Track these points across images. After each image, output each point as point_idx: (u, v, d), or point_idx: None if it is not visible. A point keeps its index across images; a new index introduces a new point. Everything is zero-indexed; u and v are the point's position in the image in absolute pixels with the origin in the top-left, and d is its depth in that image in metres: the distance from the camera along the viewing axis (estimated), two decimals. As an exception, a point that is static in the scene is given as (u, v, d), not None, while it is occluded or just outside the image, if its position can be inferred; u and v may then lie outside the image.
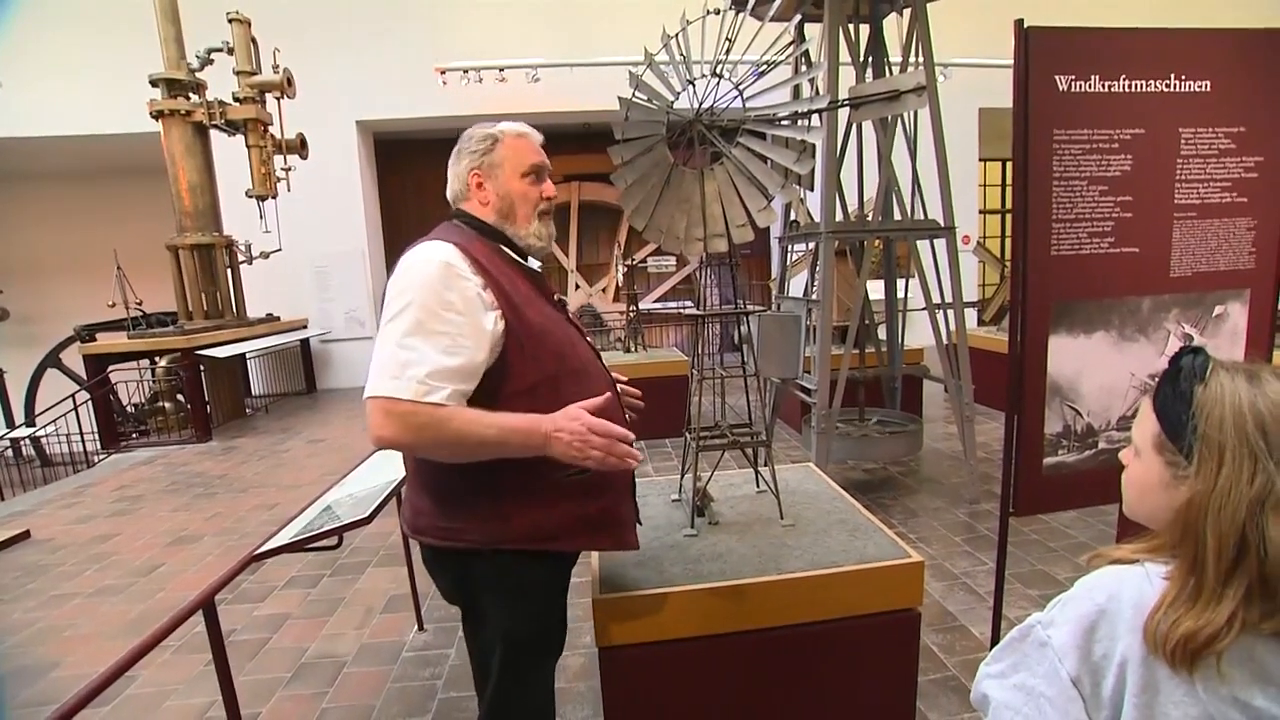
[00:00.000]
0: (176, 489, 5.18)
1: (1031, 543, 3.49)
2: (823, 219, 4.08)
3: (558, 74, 8.90)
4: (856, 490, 4.43)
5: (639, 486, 2.60)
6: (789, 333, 4.06)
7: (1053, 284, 2.06)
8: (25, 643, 2.94)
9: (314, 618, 3.06)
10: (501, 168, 1.42)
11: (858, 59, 4.39)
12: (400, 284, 1.26)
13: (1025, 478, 2.14)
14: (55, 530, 4.34)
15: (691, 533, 2.06)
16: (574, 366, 1.38)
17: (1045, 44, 1.94)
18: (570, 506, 1.36)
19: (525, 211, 1.43)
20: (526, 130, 1.47)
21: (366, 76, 9.20)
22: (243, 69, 7.51)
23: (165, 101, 7.19)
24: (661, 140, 2.09)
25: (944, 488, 4.45)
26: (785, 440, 5.74)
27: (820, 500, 2.31)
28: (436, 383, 1.19)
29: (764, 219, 1.93)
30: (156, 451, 6.48)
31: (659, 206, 2.10)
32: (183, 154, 7.33)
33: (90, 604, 3.27)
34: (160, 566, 3.66)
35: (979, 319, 8.89)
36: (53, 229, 11.42)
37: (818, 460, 4.01)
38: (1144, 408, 0.85)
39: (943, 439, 5.57)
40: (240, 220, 8.02)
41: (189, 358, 6.79)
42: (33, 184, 11.31)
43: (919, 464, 4.98)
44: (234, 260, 7.93)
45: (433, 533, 1.37)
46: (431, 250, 1.28)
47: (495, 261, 1.35)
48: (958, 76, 8.97)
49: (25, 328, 11.18)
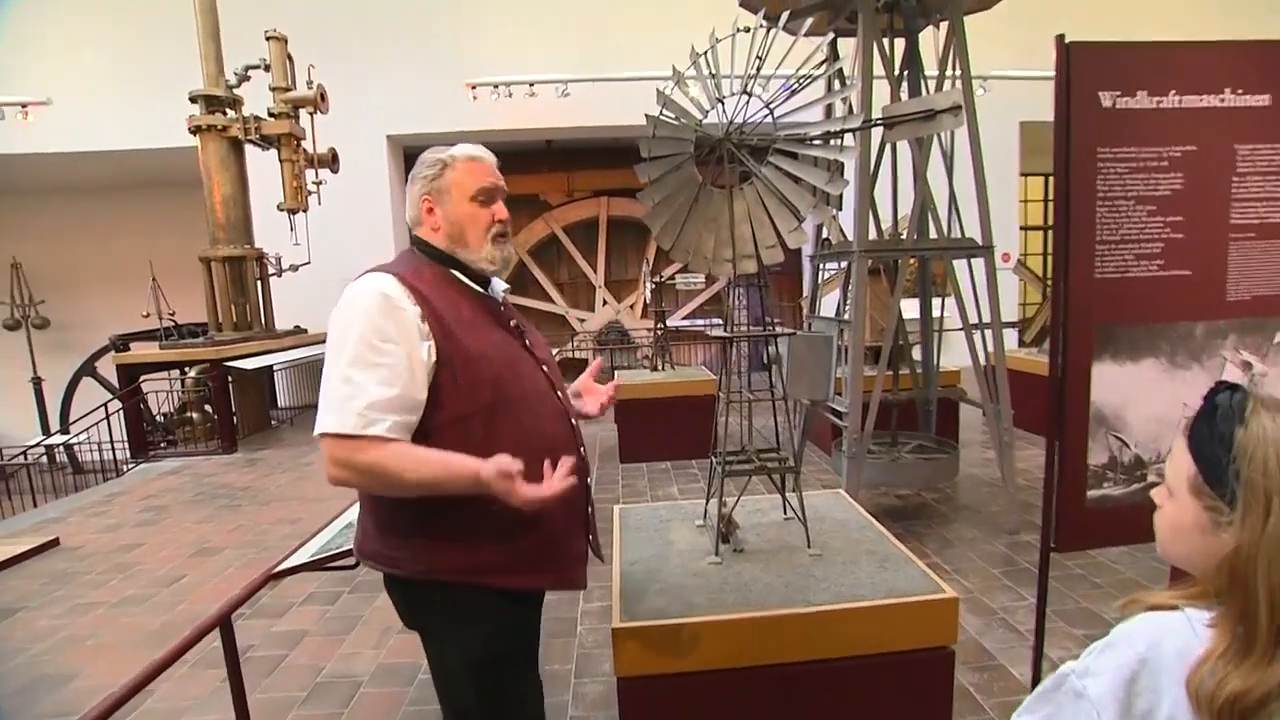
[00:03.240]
0: (201, 500, 5.30)
1: (1076, 578, 3.38)
2: (855, 237, 4.05)
3: (588, 89, 9.03)
4: (889, 517, 4.34)
5: (661, 509, 2.58)
6: (820, 353, 4.00)
7: (1096, 308, 2.00)
8: (49, 651, 3.01)
9: (331, 635, 3.09)
10: (450, 193, 1.43)
11: (892, 74, 4.37)
12: (341, 318, 1.29)
13: (1068, 511, 2.07)
14: (84, 538, 4.47)
15: (716, 560, 2.04)
16: (513, 396, 1.36)
17: (1088, 60, 1.90)
18: (500, 540, 1.35)
19: (476, 235, 1.43)
20: (479, 153, 1.46)
21: (398, 92, 9.43)
22: (278, 85, 7.77)
23: (203, 117, 7.45)
24: (689, 158, 2.10)
25: (981, 516, 4.33)
26: (815, 464, 5.66)
27: (849, 529, 2.27)
28: (376, 414, 1.22)
29: (795, 240, 1.92)
30: (183, 462, 6.65)
31: (687, 225, 2.11)
32: (218, 168, 7.58)
33: (113, 614, 3.35)
34: (183, 578, 3.74)
35: (1019, 340, 8.71)
36: (91, 241, 11.87)
37: (848, 485, 3.95)
38: (1177, 446, 0.81)
39: (980, 465, 5.44)
40: (271, 233, 8.24)
41: (217, 369, 6.97)
42: (73, 197, 11.80)
43: (955, 491, 4.86)
44: (264, 272, 8.15)
45: (376, 557, 1.39)
46: (370, 281, 1.31)
47: (441, 288, 1.37)
48: (998, 89, 8.88)
49: (63, 336, 11.61)
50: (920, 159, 4.27)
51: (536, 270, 12.33)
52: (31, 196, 11.72)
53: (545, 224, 12.19)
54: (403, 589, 1.40)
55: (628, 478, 5.45)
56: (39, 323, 11.33)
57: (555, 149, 11.38)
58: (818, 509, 2.44)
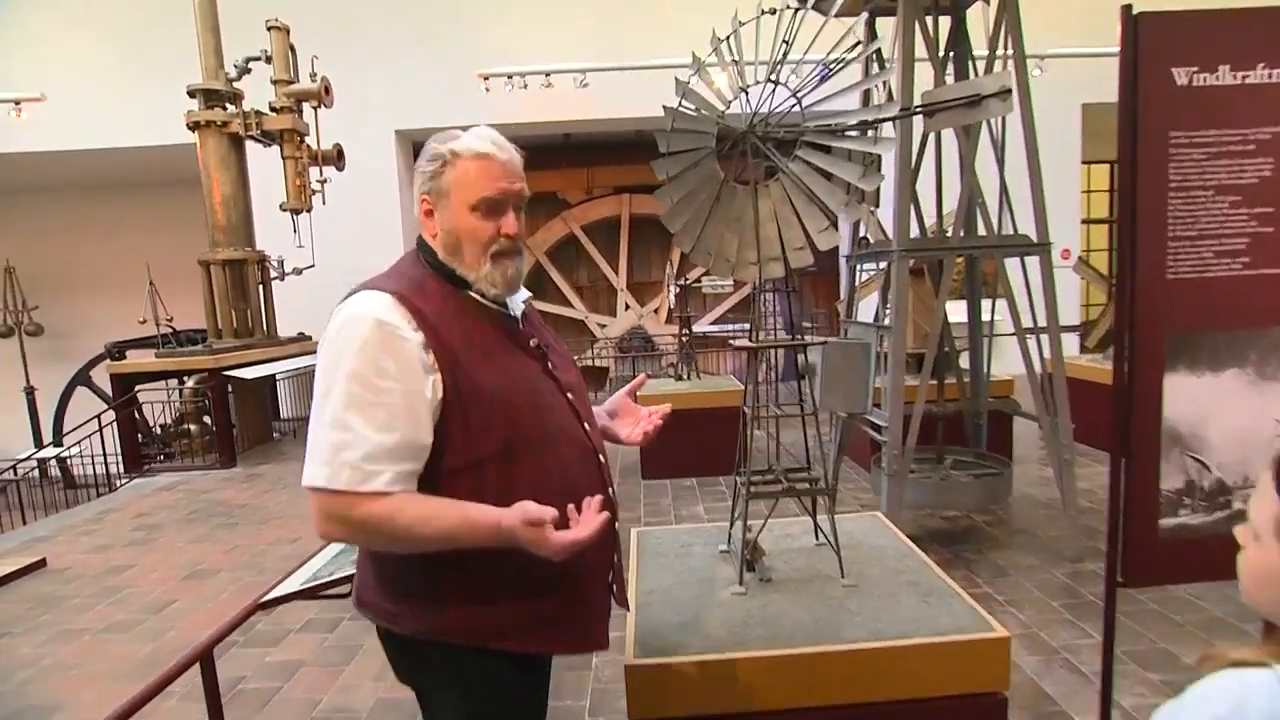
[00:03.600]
0: (196, 518, 5.38)
1: (1150, 614, 3.25)
2: (895, 235, 3.98)
3: (608, 78, 9.06)
4: (935, 541, 4.25)
5: (682, 533, 2.55)
6: (856, 362, 3.95)
7: (1169, 313, 1.92)
8: (31, 680, 3.06)
9: (329, 666, 3.09)
10: (448, 197, 1.28)
11: (936, 56, 4.29)
12: (331, 351, 1.19)
13: (1138, 541, 1.99)
14: (72, 559, 4.55)
15: (739, 590, 2.00)
16: (532, 436, 1.26)
17: (1159, 32, 1.82)
18: (518, 599, 1.26)
19: (473, 252, 1.28)
20: (490, 149, 1.27)
21: (406, 84, 9.56)
22: (280, 77, 7.90)
23: (202, 112, 7.61)
24: (710, 153, 2.08)
25: (1039, 542, 4.22)
26: (854, 481, 5.58)
27: (888, 556, 2.21)
28: (374, 466, 1.14)
29: (825, 241, 1.89)
30: (179, 477, 6.76)
31: (707, 226, 2.08)
32: (217, 165, 7.74)
33: (99, 641, 3.40)
34: (173, 603, 3.79)
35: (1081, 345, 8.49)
36: (87, 243, 12.20)
37: (888, 506, 3.87)
38: (1263, 483, 0.76)
39: (1037, 484, 5.32)
40: (273, 235, 8.37)
41: (215, 378, 7.09)
42: (68, 197, 12.14)
43: (1009, 513, 4.75)
44: (266, 276, 8.28)
45: (376, 610, 1.31)
46: (364, 305, 1.19)
47: (449, 307, 1.26)
48: (1057, 69, 8.71)
49: (57, 343, 11.92)
50: (967, 149, 4.19)
51: (554, 273, 12.39)
52: (24, 196, 12.08)
53: (563, 223, 12.26)
54: (400, 645, 1.32)
55: (650, 495, 5.42)
56: (32, 329, 11.65)
57: (574, 143, 11.44)
58: (853, 534, 2.38)
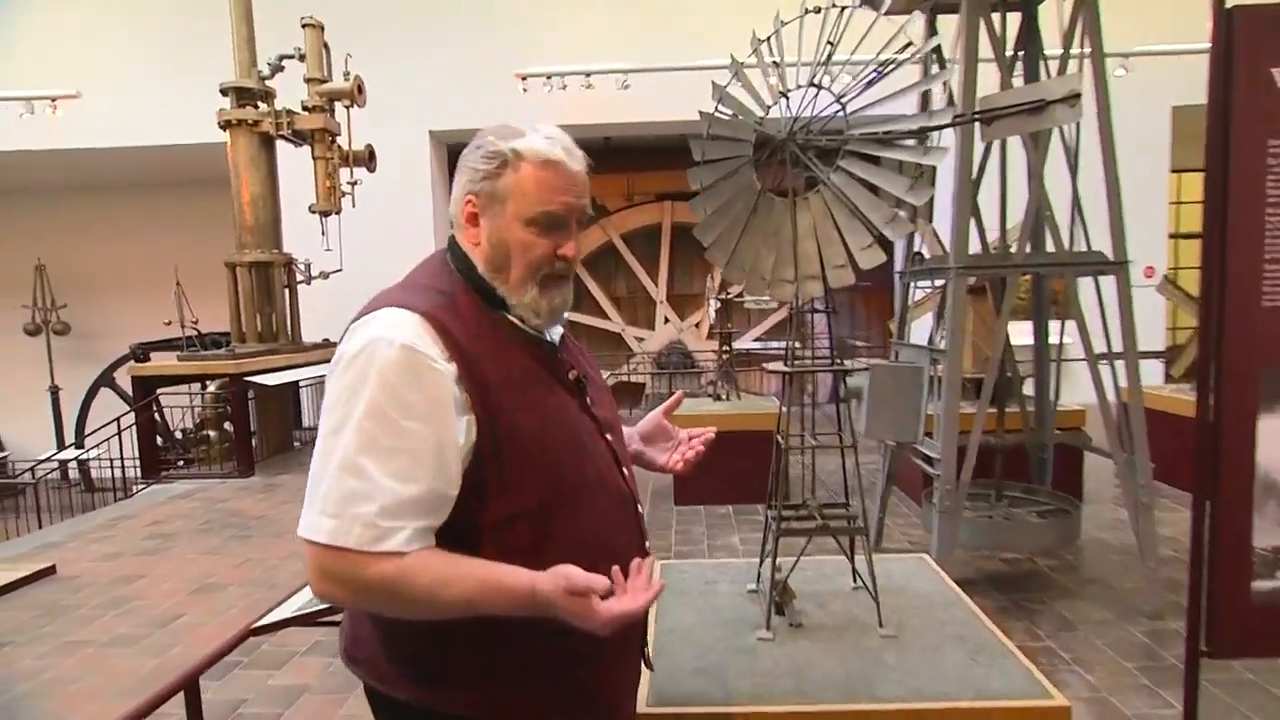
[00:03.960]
0: (210, 528, 5.51)
1: (1245, 684, 3.04)
2: (953, 250, 3.89)
3: (651, 80, 9.13)
4: (992, 586, 4.11)
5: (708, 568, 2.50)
6: (907, 387, 3.87)
7: (1263, 344, 1.83)
8: (31, 694, 3.14)
9: (333, 694, 3.11)
10: (504, 204, 1.16)
11: (1003, 56, 4.19)
12: (345, 379, 1.06)
13: (1226, 604, 1.87)
14: (82, 566, 4.70)
15: (766, 636, 1.94)
16: (571, 487, 1.16)
17: (1257, 29, 1.74)
18: (538, 682, 1.16)
19: (520, 273, 1.17)
20: (560, 156, 1.17)
21: (441, 83, 9.76)
22: (313, 76, 8.15)
23: (234, 111, 7.88)
24: (747, 162, 2.05)
25: (1113, 594, 4.04)
26: (904, 516, 5.45)
27: (934, 605, 2.13)
28: (391, 522, 1.02)
29: (868, 259, 1.84)
30: (196, 484, 6.95)
31: (743, 239, 2.05)
32: (247, 165, 7.99)
33: (103, 655, 3.48)
34: (180, 617, 3.87)
35: (1166, 374, 8.18)
36: (116, 242, 12.71)
37: (939, 546, 3.76)
38: None
39: (1111, 528, 5.11)
40: (301, 237, 8.60)
41: (237, 384, 7.27)
42: (98, 195, 12.69)
43: (1079, 559, 4.57)
44: (292, 280, 8.50)
45: (370, 669, 1.20)
46: (389, 326, 1.07)
47: (484, 331, 1.15)
48: (1145, 68, 8.47)
49: (83, 343, 12.41)
50: (1035, 157, 4.08)
51: (591, 283, 12.47)
52: (57, 194, 12.67)
53: (602, 231, 12.34)
54: (392, 711, 1.20)
55: (682, 523, 5.37)
56: (59, 328, 12.16)
57: (614, 147, 11.54)
58: (894, 578, 2.31)
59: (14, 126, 9.98)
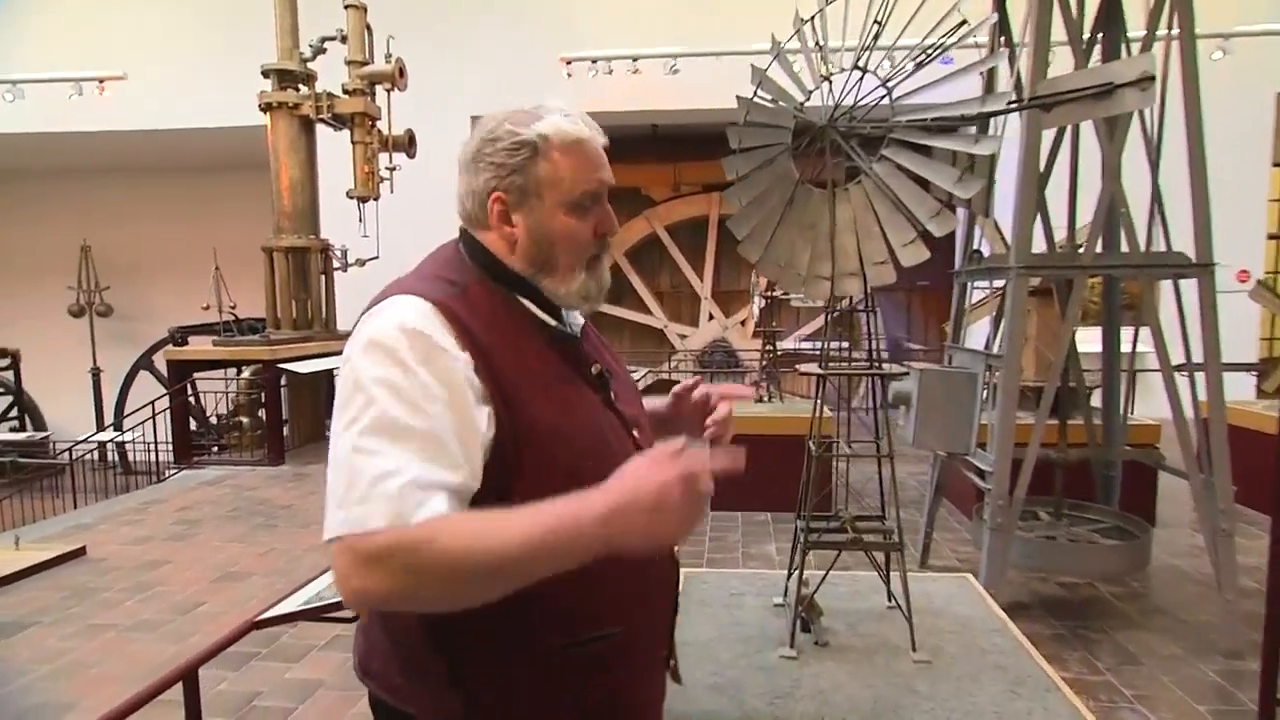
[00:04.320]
0: (237, 516, 5.67)
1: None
2: (1014, 249, 3.77)
3: (700, 64, 9.06)
4: (1047, 611, 3.98)
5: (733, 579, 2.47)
6: (959, 394, 3.77)
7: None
8: (51, 675, 3.26)
9: (349, 690, 3.16)
10: (540, 196, 1.13)
11: (1079, 38, 4.02)
12: (357, 371, 1.02)
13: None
14: (111, 549, 4.88)
15: (789, 654, 1.91)
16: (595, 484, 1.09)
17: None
18: (558, 693, 1.12)
19: (570, 260, 1.16)
20: (583, 132, 1.15)
21: (484, 67, 9.86)
22: (354, 58, 8.30)
23: (274, 94, 8.08)
24: (785, 150, 2.01)
25: (1185, 627, 3.86)
26: (954, 531, 5.32)
27: (974, 629, 2.06)
28: (423, 493, 0.95)
29: (910, 255, 1.78)
30: (226, 471, 7.15)
31: (778, 232, 2.01)
32: (287, 149, 8.18)
33: (124, 639, 3.60)
34: (202, 605, 3.98)
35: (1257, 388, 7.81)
36: (159, 224, 13.18)
37: (989, 565, 3.65)
38: None
39: (1186, 554, 4.90)
40: (339, 223, 8.78)
41: (270, 370, 7.46)
42: (142, 177, 13.16)
43: (1147, 587, 4.39)
44: (328, 266, 8.68)
45: (384, 684, 1.17)
46: (400, 313, 1.05)
47: (501, 322, 1.12)
48: (1245, 51, 8.08)
49: (125, 325, 12.90)
50: (1109, 147, 3.91)
51: (633, 276, 12.46)
52: (102, 175, 13.17)
53: (646, 222, 12.33)
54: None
55: (718, 529, 5.33)
56: (102, 310, 12.65)
57: (661, 135, 11.51)
58: (934, 598, 2.25)
59: (64, 107, 10.39)
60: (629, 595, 1.12)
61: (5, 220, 13.68)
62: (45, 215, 13.43)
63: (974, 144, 1.72)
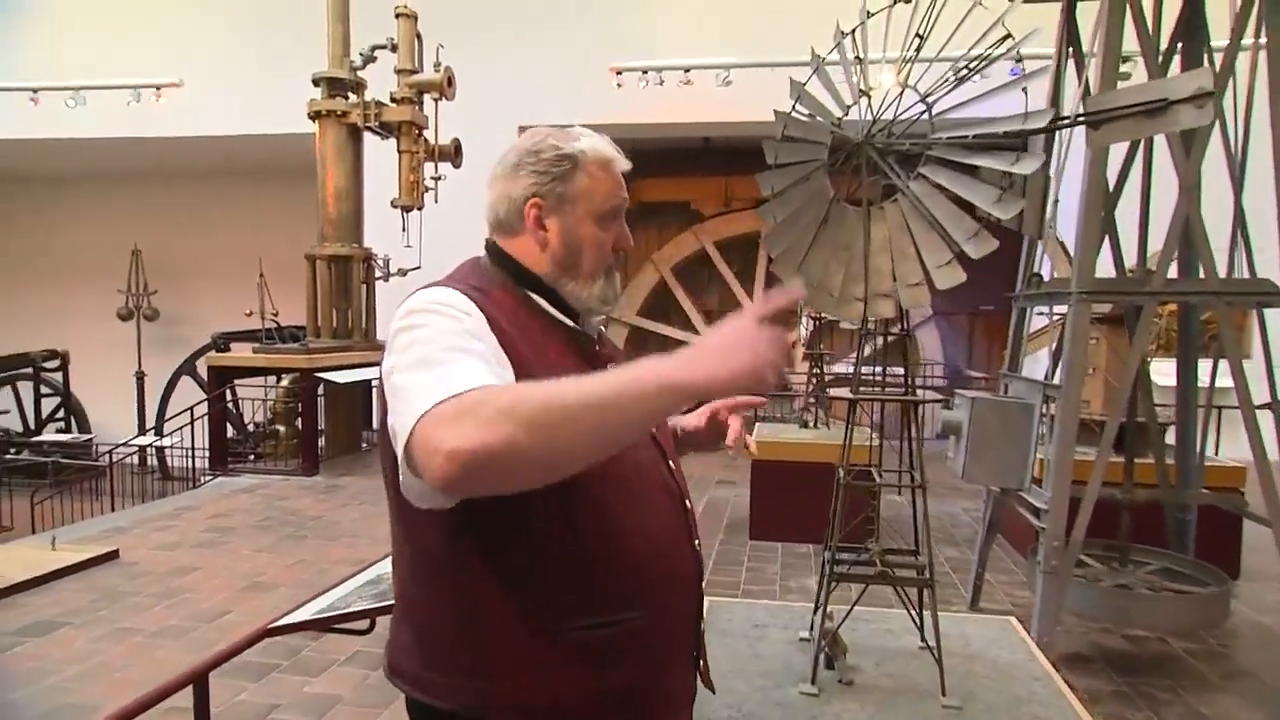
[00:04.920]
0: (268, 525, 5.85)
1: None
2: (1076, 273, 3.70)
3: (754, 75, 9.10)
4: (1111, 665, 3.84)
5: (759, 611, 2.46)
6: (1013, 426, 3.69)
7: None
8: (78, 677, 3.41)
9: (367, 707, 3.23)
10: (576, 204, 1.29)
11: (1153, 48, 3.92)
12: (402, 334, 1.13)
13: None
14: (142, 554, 5.07)
15: (810, 690, 1.89)
16: (608, 475, 1.18)
17: None
18: (578, 675, 1.20)
19: (592, 266, 1.32)
20: (612, 153, 1.32)
21: (532, 77, 10.06)
22: (404, 67, 8.57)
23: (324, 101, 8.38)
24: (821, 167, 2.03)
25: (1270, 692, 3.68)
26: (1011, 573, 5.19)
27: (1012, 677, 2.02)
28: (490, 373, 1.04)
29: (945, 278, 1.78)
30: (260, 480, 7.38)
31: (811, 251, 2.03)
32: (334, 157, 8.47)
33: (150, 645, 3.74)
34: (227, 614, 4.11)
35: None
36: (206, 230, 13.75)
37: (1042, 611, 3.56)
38: None
39: (1273, 611, 4.68)
40: (382, 232, 9.02)
41: (308, 379, 7.67)
42: (191, 183, 13.78)
43: (1229, 645, 4.20)
44: (370, 276, 8.92)
45: (412, 679, 1.27)
46: (432, 293, 1.20)
47: (521, 319, 1.25)
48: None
49: (171, 330, 13.44)
50: (1184, 163, 3.81)
51: (680, 293, 12.51)
52: (153, 180, 13.83)
53: (695, 237, 12.37)
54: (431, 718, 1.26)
55: (756, 559, 5.29)
56: (149, 314, 13.20)
57: (713, 148, 11.56)
58: (972, 641, 2.21)
59: (122, 114, 10.93)
60: (647, 580, 1.20)
61: (62, 223, 14.42)
62: (100, 218, 14.12)
63: (1013, 163, 1.71)
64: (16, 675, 3.43)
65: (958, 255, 1.77)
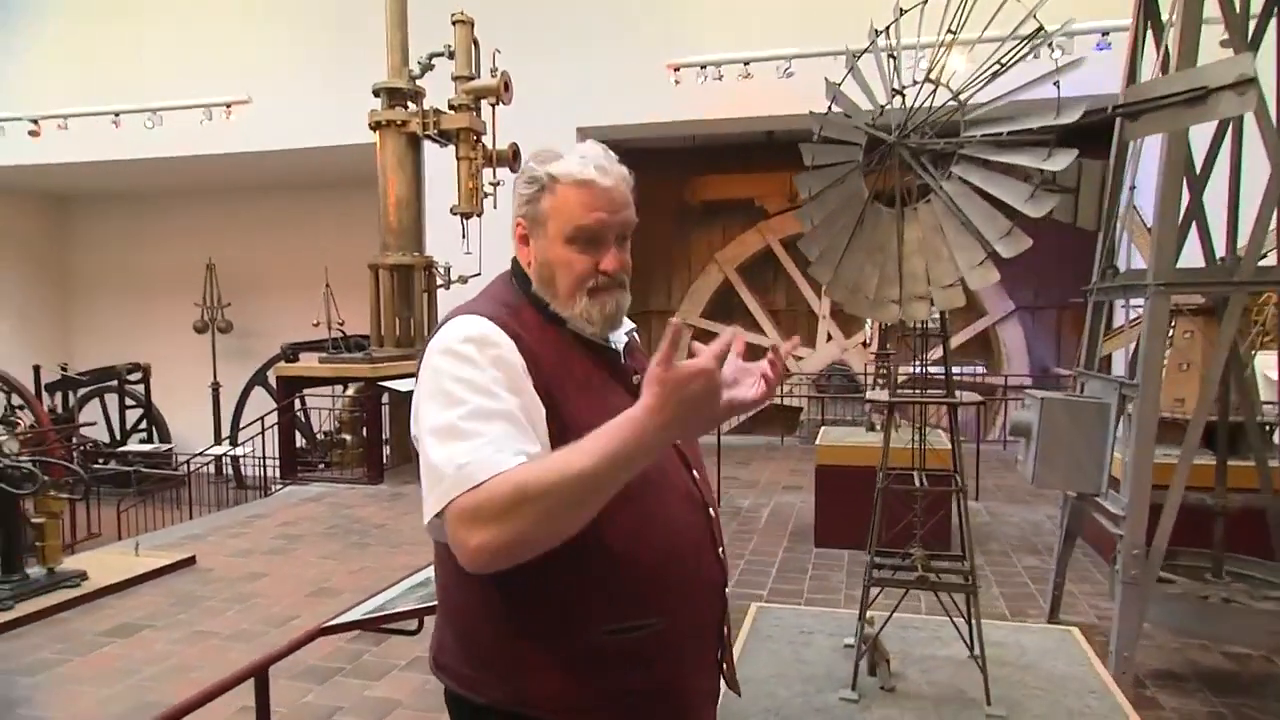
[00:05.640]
0: (334, 533, 6.16)
1: None
2: (1154, 263, 3.60)
3: (816, 66, 9.03)
4: (1205, 684, 3.70)
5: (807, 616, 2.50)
6: (1087, 426, 3.63)
7: None
8: (158, 676, 3.69)
9: (426, 712, 3.38)
10: (544, 225, 1.37)
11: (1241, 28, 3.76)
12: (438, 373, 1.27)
13: None
14: (217, 560, 5.42)
15: (850, 696, 1.94)
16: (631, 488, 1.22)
17: None
18: (606, 676, 1.31)
19: (567, 285, 1.37)
20: (592, 175, 1.34)
21: (590, 77, 10.21)
22: (461, 73, 8.82)
23: (384, 112, 8.70)
24: (856, 168, 2.07)
25: (1385, 715, 3.51)
26: (1096, 583, 5.05)
27: (1066, 688, 2.02)
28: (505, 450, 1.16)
29: (978, 278, 1.80)
30: (327, 488, 7.74)
31: (847, 254, 2.08)
32: (395, 167, 8.79)
33: (223, 647, 4.01)
34: (295, 619, 4.36)
35: None
36: (277, 242, 14.41)
37: (1122, 623, 3.47)
38: None
39: (1389, 627, 4.43)
40: (442, 240, 9.30)
41: (372, 388, 7.99)
42: (260, 196, 14.47)
43: (1338, 663, 4.01)
44: (431, 284, 9.21)
45: (453, 674, 1.40)
46: (462, 327, 1.30)
47: (547, 336, 1.36)
48: None
49: (244, 341, 14.13)
50: (1275, 141, 3.66)
51: (745, 293, 12.51)
52: (224, 196, 14.59)
53: (760, 236, 12.37)
54: (473, 715, 1.38)
55: (820, 567, 5.29)
56: (223, 326, 13.91)
57: (776, 143, 11.53)
58: (1027, 651, 2.21)
59: (196, 132, 11.57)
60: (670, 586, 1.31)
61: (141, 240, 15.34)
62: (175, 234, 14.96)
63: (1045, 159, 1.72)
64: (102, 675, 3.72)
65: (990, 255, 1.80)
